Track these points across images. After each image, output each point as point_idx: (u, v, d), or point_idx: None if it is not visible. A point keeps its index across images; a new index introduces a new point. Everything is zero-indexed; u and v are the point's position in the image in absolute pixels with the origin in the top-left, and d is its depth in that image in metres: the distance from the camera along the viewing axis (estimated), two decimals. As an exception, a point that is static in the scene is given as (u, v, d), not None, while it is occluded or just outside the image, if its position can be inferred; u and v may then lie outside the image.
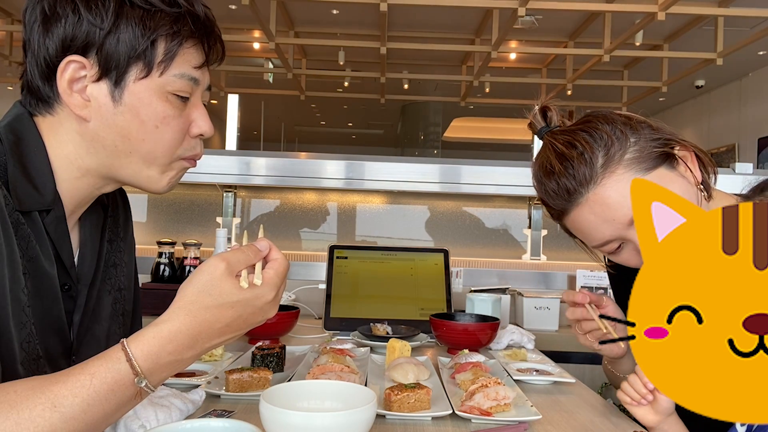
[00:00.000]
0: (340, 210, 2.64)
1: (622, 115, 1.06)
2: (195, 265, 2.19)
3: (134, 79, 0.79)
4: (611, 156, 1.00)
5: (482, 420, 1.00)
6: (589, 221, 1.02)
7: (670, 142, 1.01)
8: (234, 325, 0.72)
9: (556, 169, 1.03)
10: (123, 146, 0.81)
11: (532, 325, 2.13)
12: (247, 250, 0.75)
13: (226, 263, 0.72)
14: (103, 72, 0.78)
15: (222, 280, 0.71)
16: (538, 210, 2.53)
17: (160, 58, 0.79)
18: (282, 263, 0.76)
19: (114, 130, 0.80)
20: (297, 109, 11.35)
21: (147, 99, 0.80)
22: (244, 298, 0.72)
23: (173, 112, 0.82)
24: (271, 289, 0.74)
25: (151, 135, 0.81)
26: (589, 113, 1.08)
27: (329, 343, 1.50)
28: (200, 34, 0.83)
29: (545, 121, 1.12)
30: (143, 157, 0.82)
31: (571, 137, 1.04)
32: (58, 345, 0.82)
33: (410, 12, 5.92)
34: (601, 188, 1.00)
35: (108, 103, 0.79)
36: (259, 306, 0.73)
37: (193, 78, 0.83)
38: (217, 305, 0.71)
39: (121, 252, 0.98)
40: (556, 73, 7.54)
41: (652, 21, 5.01)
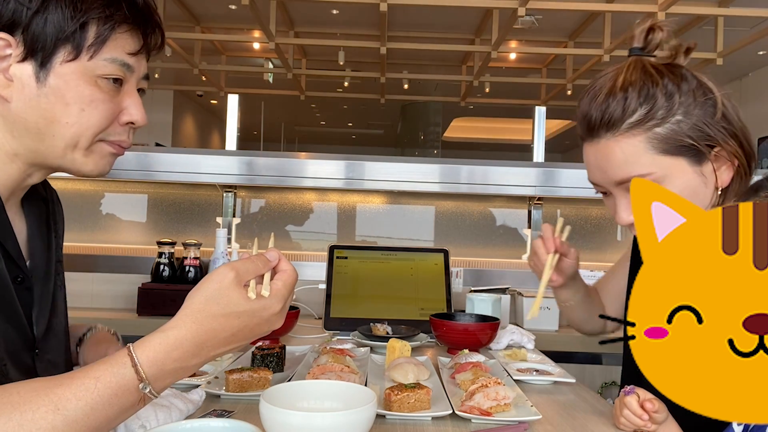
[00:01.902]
0: (340, 210, 2.64)
1: (708, 86, 1.00)
2: (195, 265, 2.19)
3: (61, 62, 0.77)
4: (645, 119, 0.97)
5: (482, 420, 1.00)
6: (589, 161, 1.06)
7: (712, 140, 0.98)
8: (240, 335, 0.73)
9: (598, 98, 1.01)
10: (46, 129, 0.79)
11: (532, 325, 2.13)
12: (257, 260, 0.75)
13: (235, 273, 0.71)
14: (29, 52, 0.76)
15: (230, 290, 0.71)
16: (538, 210, 2.53)
17: (90, 41, 0.77)
18: (291, 275, 0.77)
19: (37, 111, 0.78)
20: (297, 109, 11.36)
21: (74, 82, 0.78)
22: (251, 309, 0.72)
23: (102, 96, 0.80)
24: (278, 300, 0.74)
25: (75, 118, 0.79)
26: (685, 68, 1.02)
27: (329, 343, 1.50)
28: (136, 20, 0.81)
29: (644, 42, 1.05)
30: (67, 141, 0.80)
31: (639, 78, 0.99)
32: (17, 338, 0.81)
33: (410, 12, 5.92)
34: (614, 142, 1.00)
35: (32, 84, 0.77)
36: (265, 317, 0.73)
37: (126, 64, 0.81)
38: (224, 314, 0.70)
39: (61, 249, 0.97)
40: (556, 73, 7.54)
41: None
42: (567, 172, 2.28)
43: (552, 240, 1.22)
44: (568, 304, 1.35)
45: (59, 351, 0.92)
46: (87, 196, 2.56)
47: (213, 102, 11.70)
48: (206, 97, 11.02)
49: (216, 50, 7.45)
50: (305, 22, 6.61)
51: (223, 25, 6.72)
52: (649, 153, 0.98)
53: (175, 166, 2.28)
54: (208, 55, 7.39)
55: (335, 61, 6.68)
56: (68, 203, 1.05)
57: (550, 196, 2.40)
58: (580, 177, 2.27)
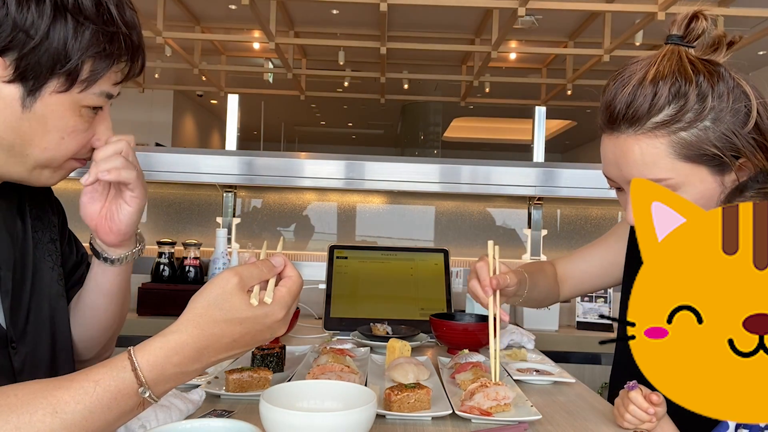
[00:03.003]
0: (340, 210, 2.64)
1: (746, 91, 0.93)
2: (195, 265, 2.19)
3: (51, 92, 0.76)
4: (672, 120, 0.91)
5: (482, 420, 1.00)
6: (606, 154, 1.01)
7: (739, 152, 0.91)
8: (241, 341, 0.71)
9: (626, 87, 0.94)
10: (20, 149, 0.78)
11: (532, 325, 2.13)
12: (261, 265, 0.74)
13: (239, 278, 0.70)
14: (20, 77, 0.74)
15: (233, 295, 0.70)
16: (538, 210, 2.53)
17: (84, 76, 0.77)
18: (295, 281, 0.76)
19: (16, 133, 0.77)
20: (297, 109, 11.36)
21: (59, 112, 0.78)
22: (253, 315, 0.70)
23: (83, 126, 0.81)
24: (281, 307, 0.73)
25: (54, 144, 0.79)
26: (724, 67, 0.95)
27: (329, 343, 1.50)
28: (129, 56, 0.82)
29: (685, 30, 0.97)
30: (39, 162, 0.80)
31: (673, 71, 0.92)
32: None
33: (410, 12, 5.92)
34: (633, 140, 0.94)
35: (16, 107, 0.76)
36: (267, 324, 0.72)
37: (110, 94, 0.82)
38: (226, 320, 0.69)
39: (55, 227, 0.97)
40: (556, 73, 7.54)
41: (652, 21, 5.00)
42: (567, 172, 2.28)
43: (489, 282, 1.11)
44: (519, 301, 1.29)
45: (43, 345, 0.90)
46: (87, 196, 2.56)
47: (213, 102, 11.70)
48: (206, 97, 11.02)
49: (216, 50, 7.45)
50: (305, 22, 6.61)
51: (223, 25, 6.72)
52: (670, 157, 0.93)
53: (175, 166, 2.28)
54: (208, 55, 7.39)
55: (335, 61, 6.68)
56: (68, 203, 1.06)
57: (550, 196, 2.40)
58: (580, 177, 2.27)
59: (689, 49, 0.97)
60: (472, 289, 1.15)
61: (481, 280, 1.12)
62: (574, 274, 1.40)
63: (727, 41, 0.98)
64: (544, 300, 1.38)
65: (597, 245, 1.40)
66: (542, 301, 1.38)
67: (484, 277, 1.12)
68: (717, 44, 0.98)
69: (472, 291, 1.15)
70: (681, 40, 0.97)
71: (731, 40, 0.98)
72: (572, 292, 1.41)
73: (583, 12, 5.64)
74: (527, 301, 1.29)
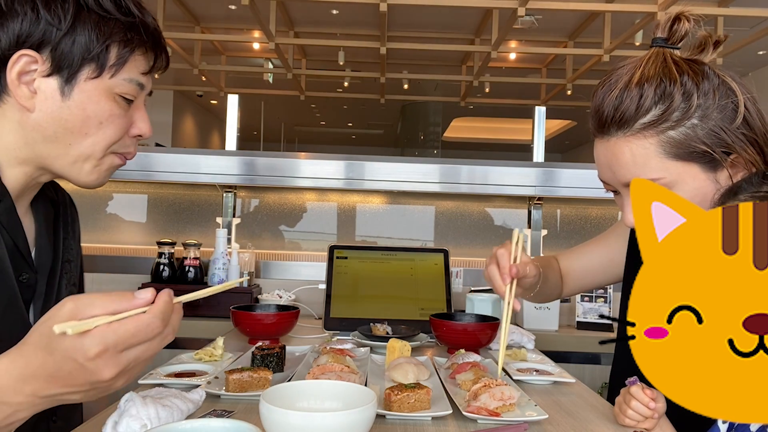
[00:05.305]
0: (340, 210, 2.64)
1: (732, 87, 0.93)
2: (195, 265, 2.19)
3: (85, 78, 0.83)
4: (659, 120, 0.92)
5: (486, 420, 1.00)
6: (599, 158, 1.02)
7: (728, 147, 0.92)
8: (61, 380, 0.62)
9: (613, 92, 0.96)
10: (64, 137, 0.84)
11: (532, 325, 2.13)
12: (114, 295, 0.63)
13: (74, 304, 0.62)
14: (55, 69, 0.82)
15: (54, 321, 0.61)
16: (538, 210, 2.53)
17: (112, 61, 0.84)
18: (137, 322, 0.62)
19: (58, 122, 0.83)
20: (297, 109, 11.36)
21: (96, 97, 0.84)
22: (62, 347, 0.61)
23: (119, 112, 0.87)
24: (96, 344, 0.60)
25: (94, 130, 0.85)
26: (708, 66, 0.96)
27: (329, 343, 1.50)
28: (150, 44, 0.89)
29: (668, 33, 0.99)
30: (81, 151, 0.86)
31: (657, 72, 0.94)
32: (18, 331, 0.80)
33: (410, 12, 5.92)
34: (624, 142, 0.95)
35: (56, 97, 0.83)
36: (80, 362, 0.61)
37: (140, 83, 0.89)
38: (42, 347, 0.62)
39: (72, 249, 1.01)
40: (556, 73, 7.54)
41: (652, 21, 5.01)
42: (567, 172, 2.28)
43: (508, 269, 1.09)
44: (530, 295, 1.28)
45: None
46: (87, 197, 2.56)
47: (213, 102, 11.70)
48: (206, 97, 11.02)
49: (216, 50, 7.45)
50: (305, 22, 6.61)
51: (223, 25, 6.72)
52: (660, 157, 0.94)
53: (175, 167, 2.28)
54: (208, 55, 7.39)
55: (335, 61, 6.68)
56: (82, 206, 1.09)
57: (549, 196, 2.41)
58: (580, 177, 2.27)
59: (674, 51, 0.98)
60: (490, 274, 1.12)
61: (500, 267, 1.10)
62: (576, 270, 1.41)
63: (713, 41, 0.99)
64: (551, 295, 1.38)
65: (598, 242, 1.40)
66: (549, 296, 1.38)
67: (504, 264, 1.09)
68: (703, 45, 0.99)
69: (490, 276, 1.12)
70: (665, 42, 0.99)
71: (717, 39, 0.99)
72: (573, 288, 1.42)
73: (583, 12, 5.64)
74: (536, 296, 1.28)
